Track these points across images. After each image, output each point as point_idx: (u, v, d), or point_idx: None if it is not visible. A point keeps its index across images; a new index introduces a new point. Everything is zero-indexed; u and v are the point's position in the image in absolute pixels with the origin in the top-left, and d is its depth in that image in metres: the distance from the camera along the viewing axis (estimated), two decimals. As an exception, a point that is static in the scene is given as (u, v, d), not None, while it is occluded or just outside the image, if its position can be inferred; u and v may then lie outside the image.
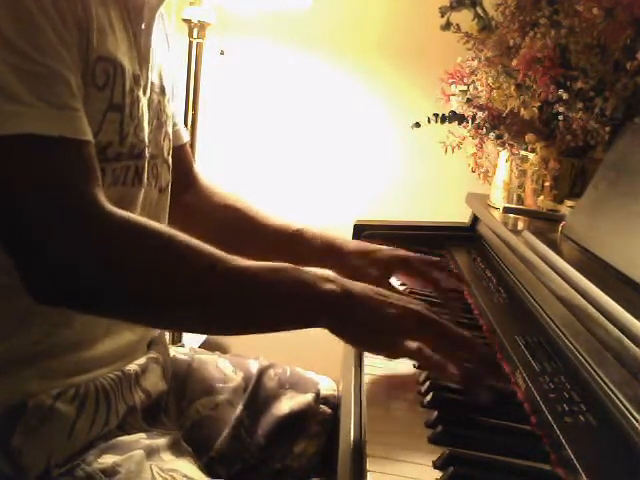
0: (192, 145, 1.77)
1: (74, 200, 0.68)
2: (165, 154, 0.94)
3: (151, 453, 0.80)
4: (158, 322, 0.81)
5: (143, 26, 0.85)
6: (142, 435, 0.83)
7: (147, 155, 0.86)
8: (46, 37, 0.68)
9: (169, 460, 0.81)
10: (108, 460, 0.77)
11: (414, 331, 0.76)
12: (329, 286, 0.76)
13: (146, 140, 0.85)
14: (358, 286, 0.78)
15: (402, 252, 1.07)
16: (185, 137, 1.09)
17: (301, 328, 0.76)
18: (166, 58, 0.97)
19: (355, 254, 1.04)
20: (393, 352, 0.78)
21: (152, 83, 0.88)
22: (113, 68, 0.78)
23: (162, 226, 0.75)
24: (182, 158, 1.06)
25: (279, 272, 0.75)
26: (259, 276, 0.75)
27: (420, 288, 1.09)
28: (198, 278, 0.73)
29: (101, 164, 0.75)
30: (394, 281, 1.08)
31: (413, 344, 0.75)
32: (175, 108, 1.03)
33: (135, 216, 0.74)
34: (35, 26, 0.67)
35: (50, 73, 0.68)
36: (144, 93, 0.85)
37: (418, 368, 0.82)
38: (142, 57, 0.85)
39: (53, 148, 0.68)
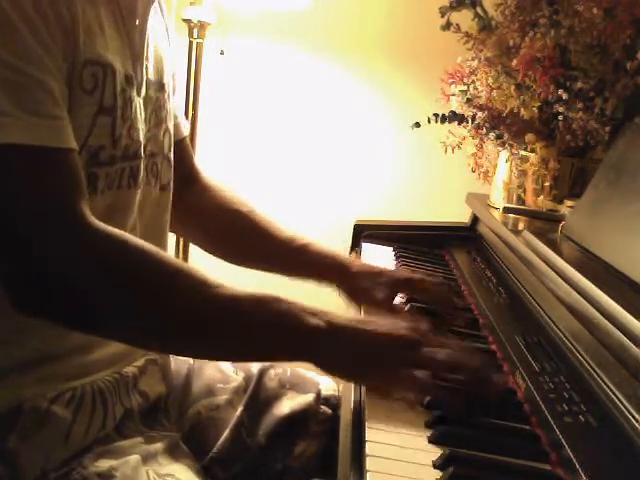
0: (192, 145, 1.77)
1: (57, 213, 0.67)
2: (166, 150, 0.92)
3: (148, 457, 0.79)
4: (138, 342, 0.78)
5: (137, 22, 0.83)
6: (139, 439, 0.82)
7: (143, 154, 0.84)
8: (27, 44, 0.66)
9: (166, 464, 0.80)
10: (104, 464, 0.76)
11: (403, 358, 0.73)
12: (314, 321, 0.73)
13: (141, 140, 0.84)
14: (342, 320, 0.75)
15: (405, 273, 1.09)
16: (185, 130, 1.06)
17: (285, 361, 0.74)
18: (166, 51, 0.94)
19: (360, 275, 1.02)
20: (386, 381, 0.75)
21: (149, 80, 0.86)
22: (102, 71, 0.76)
23: (146, 243, 0.73)
24: (182, 153, 1.04)
25: (266, 305, 0.73)
26: (244, 308, 0.73)
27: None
28: (180, 301, 0.71)
29: (94, 169, 0.74)
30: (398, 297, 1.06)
31: (406, 372, 0.72)
32: (176, 102, 1.00)
33: (120, 232, 0.72)
34: (15, 33, 0.65)
35: (32, 81, 0.66)
36: (138, 93, 0.83)
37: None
38: (136, 55, 0.83)
39: (36, 158, 0.66)
